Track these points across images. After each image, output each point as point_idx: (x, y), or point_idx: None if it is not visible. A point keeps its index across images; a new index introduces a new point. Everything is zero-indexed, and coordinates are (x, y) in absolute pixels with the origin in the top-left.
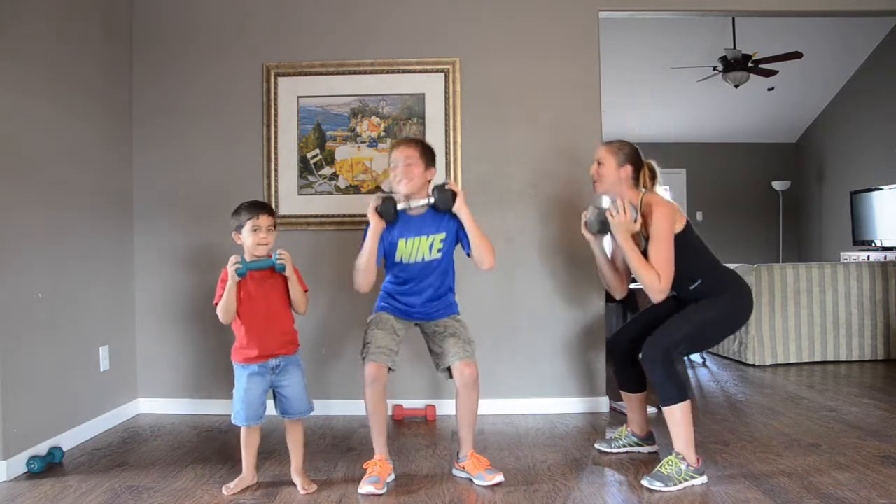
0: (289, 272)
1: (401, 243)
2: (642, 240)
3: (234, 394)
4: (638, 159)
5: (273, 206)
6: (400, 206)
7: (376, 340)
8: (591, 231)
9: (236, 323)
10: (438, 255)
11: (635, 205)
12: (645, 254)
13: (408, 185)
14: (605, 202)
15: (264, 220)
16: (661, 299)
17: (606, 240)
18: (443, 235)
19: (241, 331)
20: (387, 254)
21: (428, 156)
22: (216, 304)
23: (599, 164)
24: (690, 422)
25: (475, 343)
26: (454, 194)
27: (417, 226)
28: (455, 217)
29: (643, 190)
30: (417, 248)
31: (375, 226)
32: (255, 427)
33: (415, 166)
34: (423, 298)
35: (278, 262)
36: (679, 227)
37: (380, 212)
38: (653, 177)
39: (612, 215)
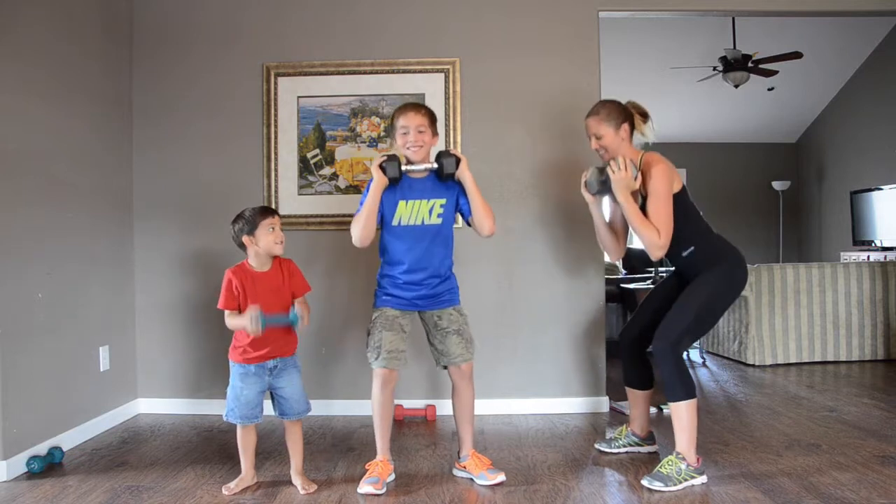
0: (303, 312)
1: (401, 204)
2: (640, 198)
3: (228, 391)
4: (625, 111)
5: (273, 206)
6: (404, 167)
7: (387, 344)
8: (591, 191)
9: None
10: (438, 221)
11: (635, 163)
12: (643, 212)
13: (418, 152)
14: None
15: (277, 219)
16: (661, 255)
17: (605, 204)
18: (443, 200)
19: (241, 332)
20: (385, 216)
21: (435, 123)
22: (221, 308)
23: (599, 138)
24: (695, 421)
25: (475, 341)
26: (458, 160)
27: (419, 189)
28: (455, 185)
29: (641, 149)
30: (417, 211)
31: (378, 180)
32: (250, 426)
33: (425, 134)
34: (425, 274)
35: (296, 318)
36: (676, 187)
37: (384, 167)
38: (643, 115)
39: (612, 171)
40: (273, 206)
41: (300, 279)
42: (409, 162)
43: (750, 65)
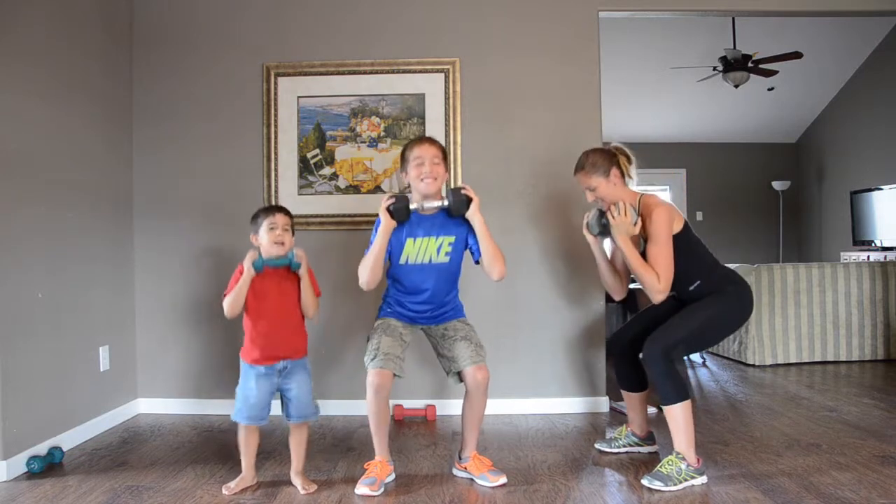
0: (303, 271)
1: (409, 243)
2: (641, 241)
3: (238, 391)
4: (611, 156)
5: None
6: (412, 206)
7: (384, 347)
8: (593, 232)
9: (246, 322)
10: (446, 259)
11: (634, 206)
12: (644, 255)
13: (432, 185)
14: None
15: (280, 218)
16: (662, 300)
17: (606, 243)
18: (452, 238)
19: (250, 330)
20: (392, 254)
21: (447, 159)
22: (225, 296)
23: (592, 190)
24: (691, 421)
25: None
26: (469, 200)
27: (427, 226)
28: (466, 222)
29: (640, 192)
30: (425, 250)
31: (386, 224)
32: (254, 427)
33: (439, 166)
34: (429, 306)
35: (295, 260)
36: (677, 227)
37: (392, 211)
38: (627, 158)
39: (612, 216)
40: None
41: (311, 278)
42: (420, 197)
43: (750, 65)
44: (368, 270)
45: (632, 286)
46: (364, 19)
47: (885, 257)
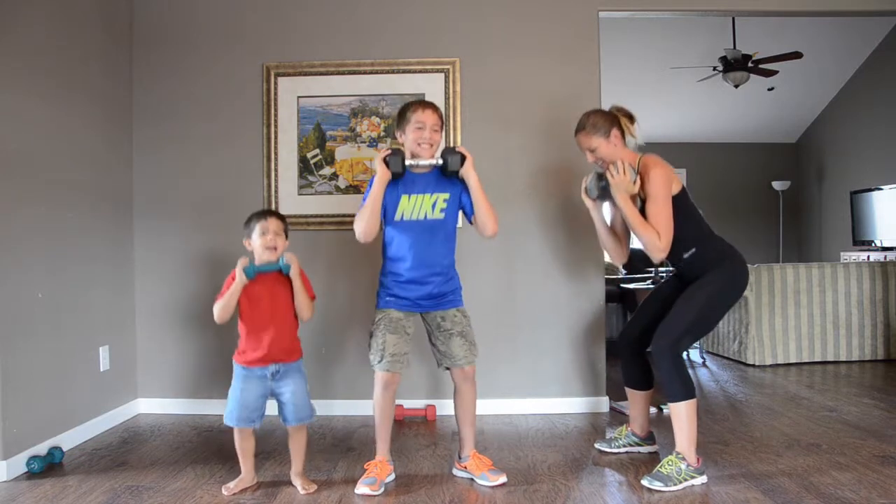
0: (294, 274)
1: (403, 199)
2: (639, 201)
3: (230, 393)
4: (611, 117)
5: (273, 207)
6: (408, 162)
7: (390, 347)
8: (591, 196)
9: (240, 325)
10: (441, 216)
11: (633, 166)
12: (643, 214)
13: (429, 150)
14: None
15: (272, 223)
16: (662, 257)
17: (605, 208)
18: (446, 195)
19: (243, 333)
20: (388, 211)
21: (444, 126)
22: (217, 301)
23: (592, 150)
24: (695, 421)
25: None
26: (463, 157)
27: (422, 184)
28: (459, 181)
29: (637, 151)
30: (420, 205)
31: (382, 175)
32: (247, 430)
33: (438, 133)
34: (428, 271)
35: (284, 263)
36: (675, 189)
37: (388, 161)
38: (629, 117)
39: (611, 175)
40: (273, 206)
41: (304, 279)
42: (413, 157)
43: (750, 65)
44: (365, 221)
45: (631, 286)
46: (364, 19)
47: (885, 257)
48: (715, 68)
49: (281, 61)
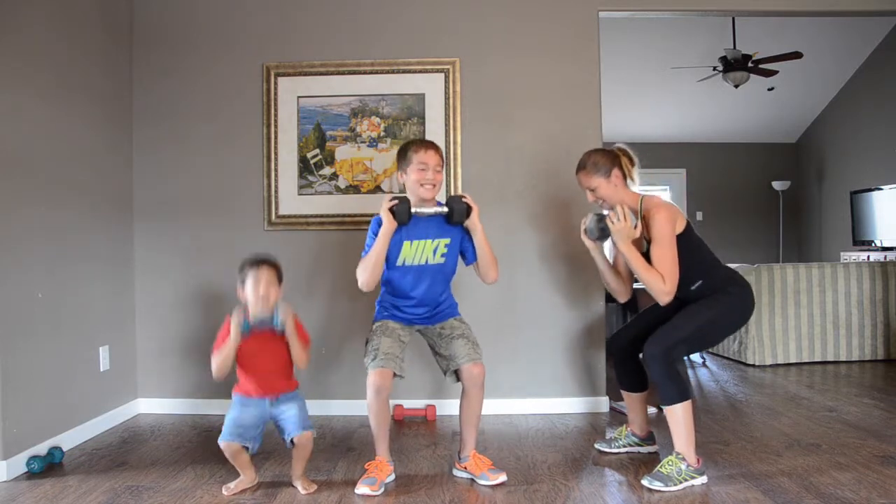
0: (289, 332)
1: (406, 245)
2: (644, 243)
3: (227, 416)
4: (613, 157)
5: (273, 207)
6: (414, 210)
7: (383, 347)
8: (591, 237)
9: (238, 370)
10: (442, 260)
11: (635, 210)
12: (646, 257)
13: (432, 191)
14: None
15: (264, 273)
16: (668, 301)
17: (607, 245)
18: (447, 241)
19: (241, 376)
20: (389, 256)
21: (444, 165)
22: (214, 350)
23: (593, 190)
24: (692, 422)
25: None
26: (470, 209)
27: (423, 229)
28: (461, 226)
29: (641, 193)
30: (422, 252)
31: (388, 226)
32: (237, 447)
33: (440, 174)
34: (424, 308)
35: (280, 322)
36: (680, 227)
37: (395, 212)
38: (630, 160)
39: (612, 222)
40: (273, 206)
41: (299, 327)
42: (417, 200)
43: (750, 65)
44: (369, 272)
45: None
46: (364, 19)
47: (885, 257)
48: (715, 68)
49: (281, 61)
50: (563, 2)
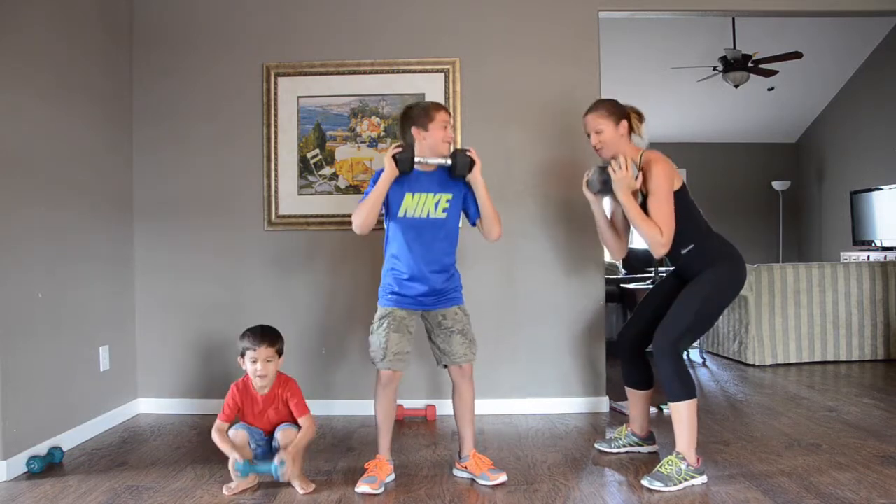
0: (286, 471)
1: (407, 196)
2: (640, 196)
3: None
4: (623, 109)
5: (273, 207)
6: (417, 160)
7: (393, 346)
8: (593, 190)
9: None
10: (443, 215)
11: (636, 161)
12: (644, 210)
13: (449, 148)
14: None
15: (262, 352)
16: (664, 253)
17: (606, 202)
18: (449, 196)
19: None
20: (391, 207)
21: None
22: (219, 420)
23: (598, 132)
24: (695, 420)
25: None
26: (472, 161)
27: (426, 182)
28: (463, 182)
29: (642, 147)
30: (423, 204)
31: (390, 172)
32: (244, 435)
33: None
34: (429, 268)
35: (279, 474)
36: (677, 185)
37: (397, 159)
38: (639, 117)
39: (614, 171)
40: (273, 206)
41: (298, 402)
42: (431, 154)
43: (750, 65)
44: (365, 214)
45: (631, 286)
46: (364, 19)
47: (885, 257)
48: (715, 68)
49: (281, 61)
50: (563, 2)
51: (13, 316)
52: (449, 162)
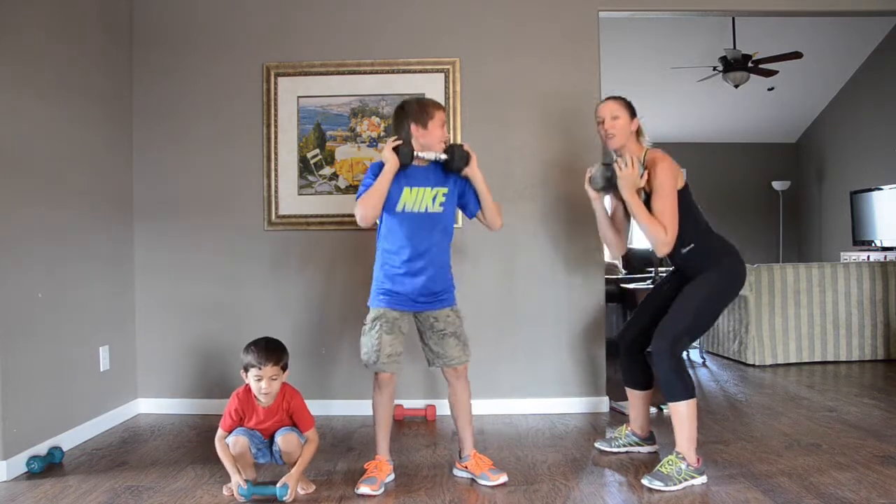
0: (292, 489)
1: (405, 191)
2: (643, 194)
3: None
4: (636, 112)
5: (273, 207)
6: (419, 154)
7: (386, 348)
8: (595, 187)
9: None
10: (440, 210)
11: (640, 160)
12: (647, 208)
13: (443, 146)
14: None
15: (267, 370)
16: (667, 251)
17: (607, 200)
18: (445, 190)
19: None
20: (390, 201)
21: None
22: (222, 430)
23: (615, 118)
24: (695, 420)
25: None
26: (469, 156)
27: (422, 177)
28: (457, 177)
29: (646, 146)
30: (421, 198)
31: (394, 164)
32: (244, 441)
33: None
34: (424, 262)
35: (282, 497)
36: (679, 184)
37: (399, 152)
38: (640, 132)
39: (619, 168)
40: (273, 206)
41: (302, 415)
42: (423, 150)
43: (750, 65)
44: (371, 206)
45: (631, 286)
46: (364, 19)
47: (885, 257)
48: (715, 68)
49: (281, 61)
50: (563, 2)
51: (13, 316)
52: (445, 157)
